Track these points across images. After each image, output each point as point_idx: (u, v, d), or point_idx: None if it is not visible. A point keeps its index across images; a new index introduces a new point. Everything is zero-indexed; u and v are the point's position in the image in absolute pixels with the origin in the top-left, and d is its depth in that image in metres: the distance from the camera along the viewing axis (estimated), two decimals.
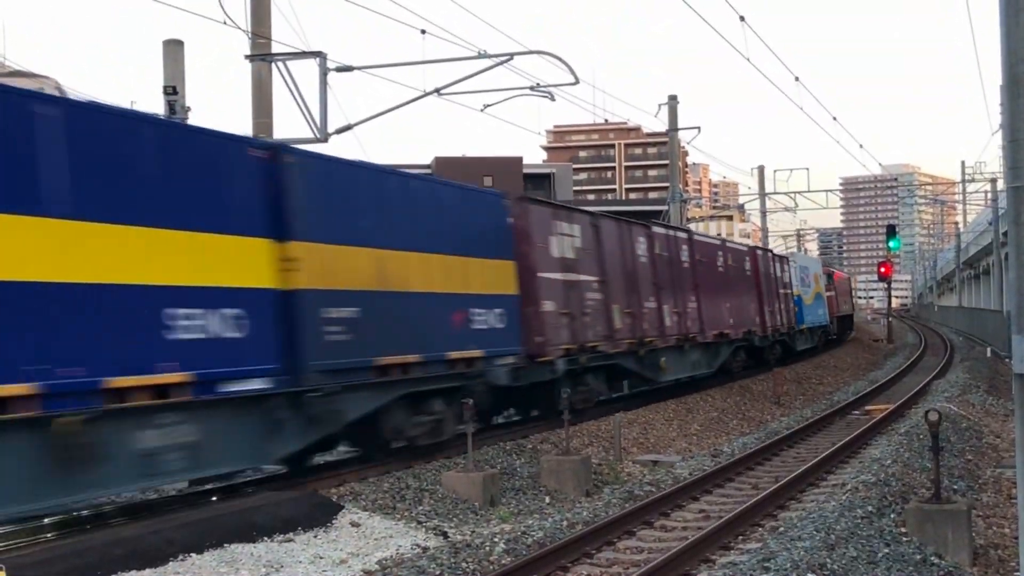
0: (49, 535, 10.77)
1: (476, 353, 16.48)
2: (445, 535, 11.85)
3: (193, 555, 10.16)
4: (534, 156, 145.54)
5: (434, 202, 16.03)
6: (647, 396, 24.88)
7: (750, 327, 32.30)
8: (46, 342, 9.62)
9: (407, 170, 15.49)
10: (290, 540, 11.11)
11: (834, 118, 39.84)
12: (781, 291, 37.68)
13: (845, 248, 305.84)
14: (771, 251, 40.49)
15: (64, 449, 9.76)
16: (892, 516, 11.40)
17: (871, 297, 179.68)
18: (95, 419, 10.01)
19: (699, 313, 27.07)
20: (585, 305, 20.49)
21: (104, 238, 10.27)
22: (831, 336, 51.84)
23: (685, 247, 27.22)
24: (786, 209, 56.90)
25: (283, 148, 13.36)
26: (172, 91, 18.39)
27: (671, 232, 27.16)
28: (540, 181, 69.43)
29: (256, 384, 12.02)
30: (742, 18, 23.80)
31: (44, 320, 9.63)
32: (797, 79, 31.36)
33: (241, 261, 11.93)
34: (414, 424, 15.35)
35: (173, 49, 19.06)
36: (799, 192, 51.32)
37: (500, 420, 20.30)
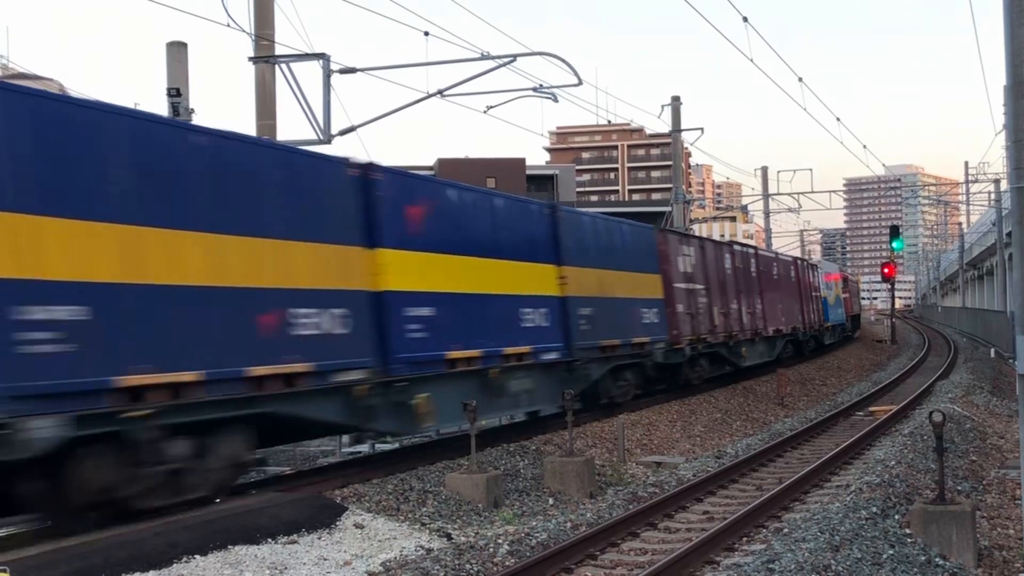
0: (51, 537, 10.76)
1: (645, 339, 22.99)
2: (449, 537, 11.84)
3: (197, 557, 10.15)
4: (537, 157, 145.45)
5: (619, 233, 22.89)
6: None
7: (795, 324, 38.87)
8: (485, 327, 16.62)
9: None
10: (294, 542, 11.10)
11: (838, 119, 39.84)
12: (813, 294, 44.31)
13: (849, 249, 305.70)
14: (806, 260, 46.98)
15: (490, 388, 16.65)
16: (896, 517, 11.38)
17: (874, 298, 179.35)
18: (501, 371, 16.95)
19: (763, 313, 33.33)
20: (698, 307, 26.74)
21: (493, 267, 17.17)
22: (847, 333, 58.08)
23: (752, 260, 33.56)
24: (789, 210, 56.99)
25: (556, 206, 20.42)
26: (176, 93, 18.39)
27: (744, 248, 33.94)
28: (543, 182, 68.91)
29: (553, 356, 18.82)
30: (745, 19, 23.82)
31: (480, 313, 16.55)
32: (800, 80, 31.37)
33: (544, 278, 18.96)
34: (616, 387, 22.07)
35: (176, 51, 19.04)
36: (803, 193, 51.38)
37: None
